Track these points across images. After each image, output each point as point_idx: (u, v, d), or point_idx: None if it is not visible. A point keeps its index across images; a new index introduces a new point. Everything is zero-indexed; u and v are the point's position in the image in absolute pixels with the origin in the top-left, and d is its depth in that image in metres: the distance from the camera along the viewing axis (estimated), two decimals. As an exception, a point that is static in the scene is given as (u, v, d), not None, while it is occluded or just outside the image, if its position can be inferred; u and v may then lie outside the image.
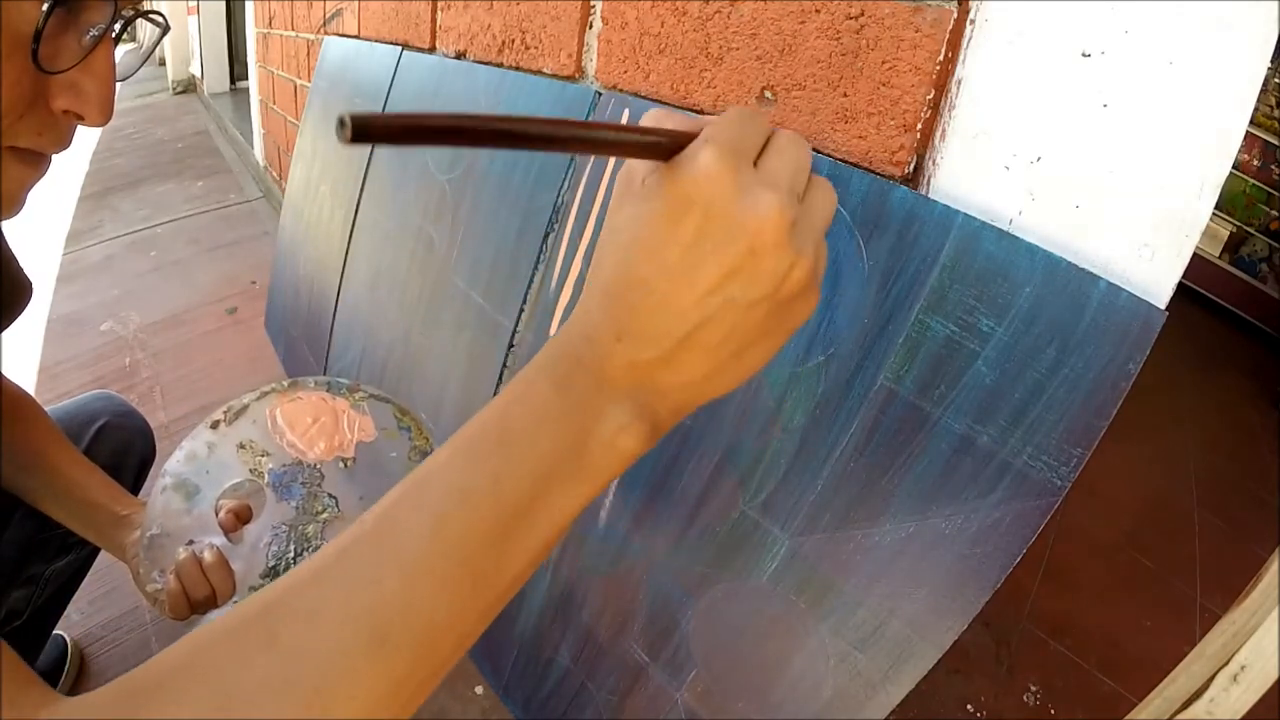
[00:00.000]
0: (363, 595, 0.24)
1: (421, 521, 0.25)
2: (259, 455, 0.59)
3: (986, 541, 0.45)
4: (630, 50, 0.72)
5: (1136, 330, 0.41)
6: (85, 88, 0.32)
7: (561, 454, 0.26)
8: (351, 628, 0.24)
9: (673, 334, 0.26)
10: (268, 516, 0.56)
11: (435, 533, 0.25)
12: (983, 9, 0.46)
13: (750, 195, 0.25)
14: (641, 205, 0.26)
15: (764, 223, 0.25)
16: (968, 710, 0.96)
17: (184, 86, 5.11)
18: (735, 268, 0.25)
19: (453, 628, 0.25)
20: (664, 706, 0.65)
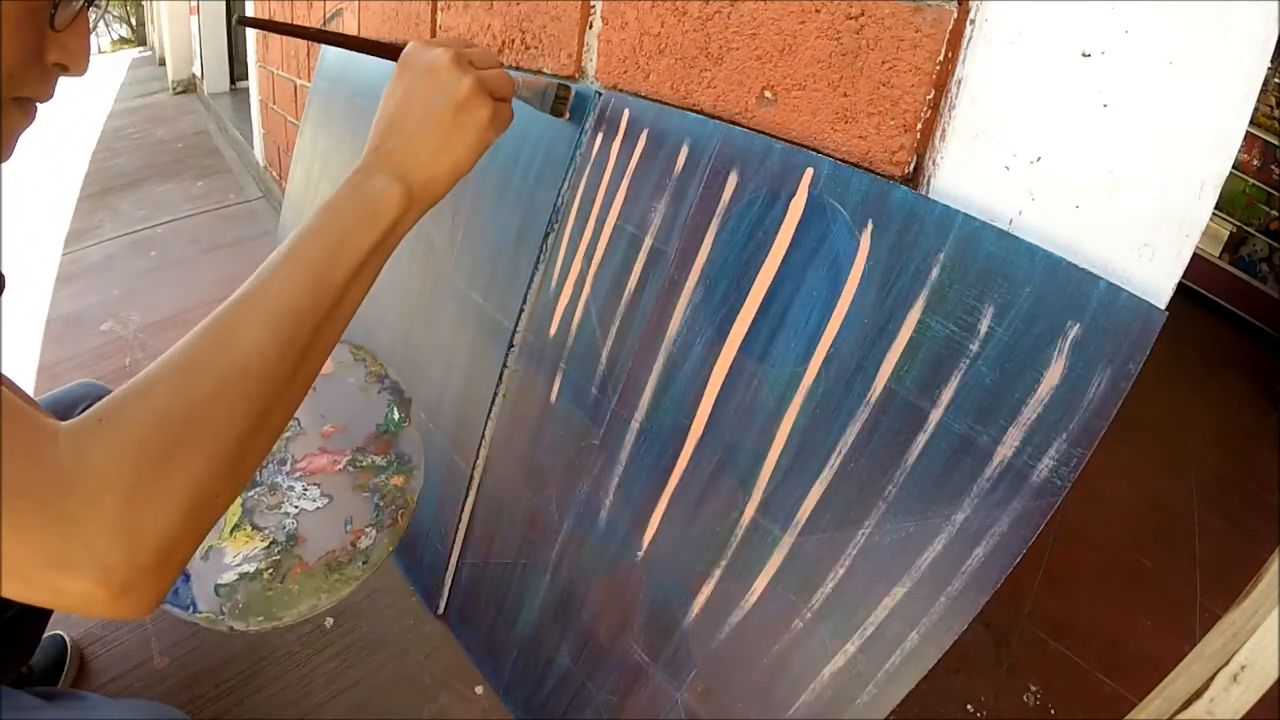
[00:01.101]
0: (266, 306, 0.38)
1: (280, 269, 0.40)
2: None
3: (986, 541, 0.45)
4: (630, 50, 0.72)
5: (1136, 330, 0.41)
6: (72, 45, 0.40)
7: (356, 209, 0.43)
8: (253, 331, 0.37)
9: (405, 131, 0.47)
10: None
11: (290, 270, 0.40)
12: (983, 9, 0.46)
13: (431, 50, 0.49)
14: (395, 81, 0.50)
15: (437, 58, 0.48)
16: (968, 710, 0.96)
17: (184, 86, 5.11)
18: (427, 87, 0.47)
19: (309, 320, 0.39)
20: (664, 706, 0.65)
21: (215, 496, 0.35)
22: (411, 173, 0.45)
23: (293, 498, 0.58)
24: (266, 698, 0.86)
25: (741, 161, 0.60)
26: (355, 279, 0.42)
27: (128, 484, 0.31)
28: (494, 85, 0.49)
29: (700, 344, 0.61)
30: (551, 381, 0.76)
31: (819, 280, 0.54)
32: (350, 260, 0.42)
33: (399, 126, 0.47)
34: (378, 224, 0.43)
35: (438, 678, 0.89)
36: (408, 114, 0.47)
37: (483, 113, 0.48)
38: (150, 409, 0.33)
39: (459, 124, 0.47)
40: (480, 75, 0.48)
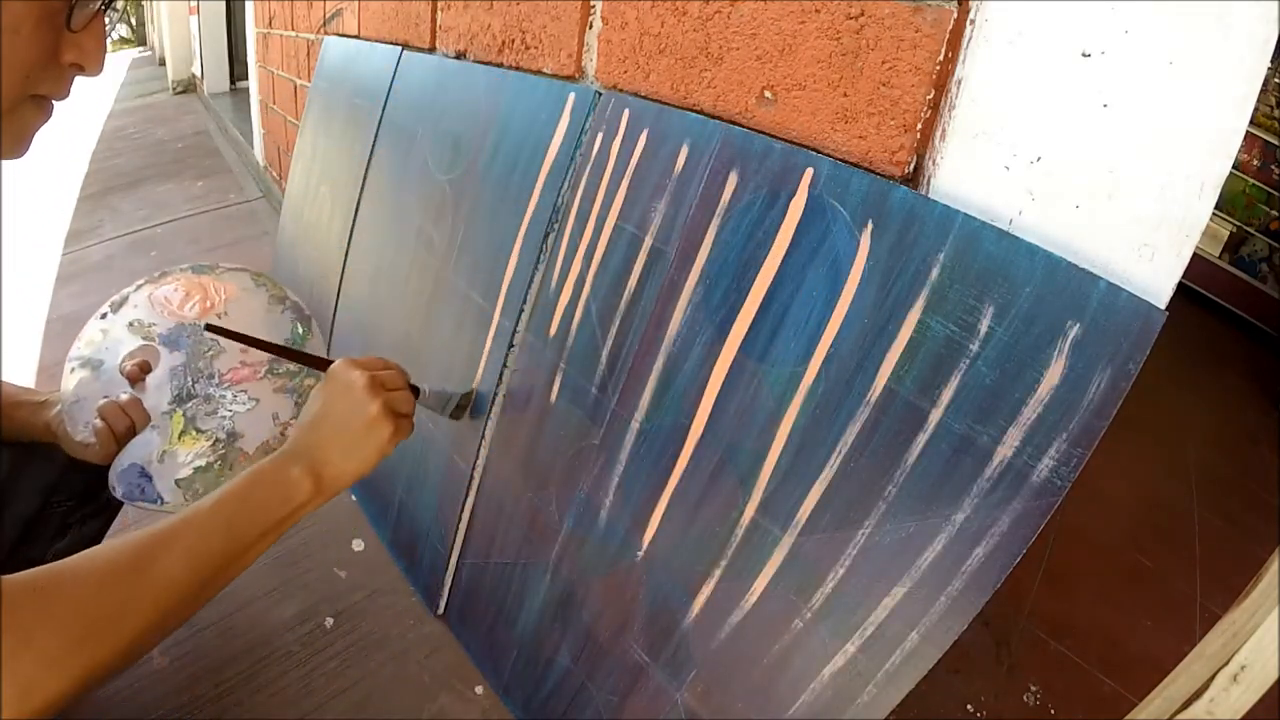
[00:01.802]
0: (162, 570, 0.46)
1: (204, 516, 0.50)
2: (147, 326, 0.70)
3: (986, 541, 0.45)
4: (630, 50, 0.72)
5: (1136, 330, 0.41)
6: (88, 45, 0.43)
7: (275, 488, 0.53)
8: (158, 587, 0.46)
9: (322, 435, 0.58)
10: (165, 363, 0.68)
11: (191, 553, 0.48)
12: (983, 9, 0.46)
13: (352, 372, 0.60)
14: (319, 388, 0.62)
15: (355, 381, 0.60)
16: (968, 710, 0.95)
17: (184, 86, 5.11)
18: (345, 403, 0.59)
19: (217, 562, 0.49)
20: (664, 706, 0.65)
21: (106, 674, 0.43)
22: (323, 468, 0.56)
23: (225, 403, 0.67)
24: (266, 698, 0.86)
25: (741, 161, 0.60)
26: (260, 539, 0.52)
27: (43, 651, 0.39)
28: (398, 406, 0.61)
29: (700, 344, 0.61)
30: (551, 381, 0.76)
31: (819, 280, 0.54)
32: (260, 525, 0.52)
33: (318, 428, 0.58)
34: (288, 504, 0.53)
35: (438, 678, 0.89)
36: (326, 420, 0.58)
37: (386, 430, 0.59)
38: (76, 601, 0.42)
39: (365, 437, 0.58)
40: (388, 398, 0.60)
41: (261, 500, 0.52)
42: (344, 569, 1.05)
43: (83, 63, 0.43)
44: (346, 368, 0.61)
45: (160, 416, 0.66)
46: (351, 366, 0.61)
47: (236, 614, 0.97)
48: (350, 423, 0.58)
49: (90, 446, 0.65)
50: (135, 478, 0.63)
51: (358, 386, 0.59)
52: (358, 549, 1.08)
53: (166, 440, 0.65)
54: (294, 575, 1.03)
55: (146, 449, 0.65)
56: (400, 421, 0.61)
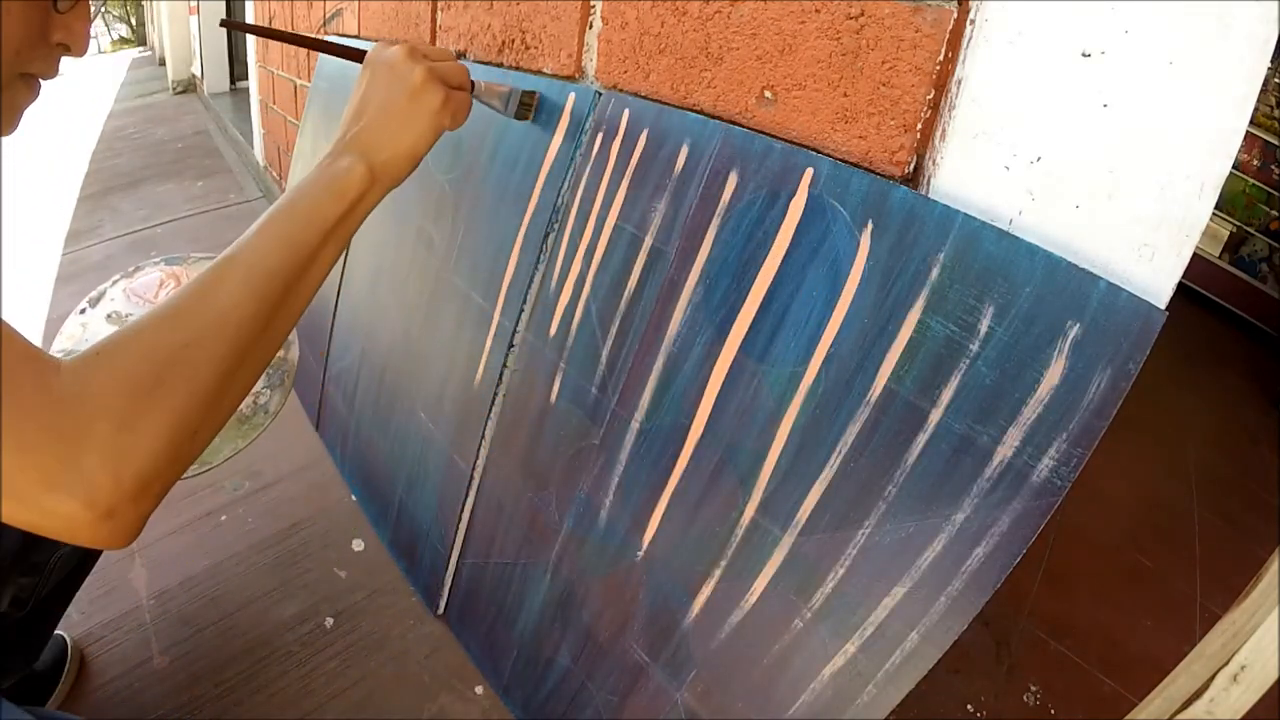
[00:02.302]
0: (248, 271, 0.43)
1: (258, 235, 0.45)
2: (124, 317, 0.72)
3: (986, 541, 0.45)
4: (630, 50, 0.72)
5: (1136, 330, 0.41)
6: (74, 26, 0.44)
7: (326, 184, 0.48)
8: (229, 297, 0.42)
9: (367, 118, 0.53)
10: None
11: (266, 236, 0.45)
12: (983, 9, 0.46)
13: (390, 48, 0.55)
14: (358, 79, 0.57)
15: (394, 54, 0.55)
16: (968, 710, 0.96)
17: (184, 86, 5.11)
18: (386, 79, 0.54)
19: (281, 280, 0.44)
20: (664, 706, 0.65)
21: (195, 431, 0.38)
22: (374, 153, 0.51)
23: None
24: (266, 698, 0.86)
25: (741, 161, 0.60)
26: (323, 246, 0.47)
27: (119, 412, 0.35)
28: (447, 74, 0.55)
29: (700, 344, 0.61)
30: (551, 381, 0.76)
31: (819, 280, 0.54)
32: (319, 229, 0.47)
33: (362, 114, 0.53)
34: (344, 198, 0.48)
35: (438, 678, 0.89)
36: (369, 103, 0.54)
37: (435, 98, 0.54)
38: (141, 348, 0.37)
39: (414, 109, 0.53)
40: (433, 66, 0.54)
41: (313, 202, 0.47)
42: (344, 569, 1.05)
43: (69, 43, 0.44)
44: (382, 46, 0.56)
45: None
46: (386, 44, 0.56)
47: (236, 614, 0.97)
48: (394, 96, 0.53)
49: None
50: None
51: (397, 58, 0.54)
52: (358, 549, 1.08)
53: None
54: (294, 575, 1.03)
55: None
56: (452, 94, 0.55)
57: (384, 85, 0.54)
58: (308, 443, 1.30)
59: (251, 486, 1.20)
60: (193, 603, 0.98)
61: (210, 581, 1.02)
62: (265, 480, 1.22)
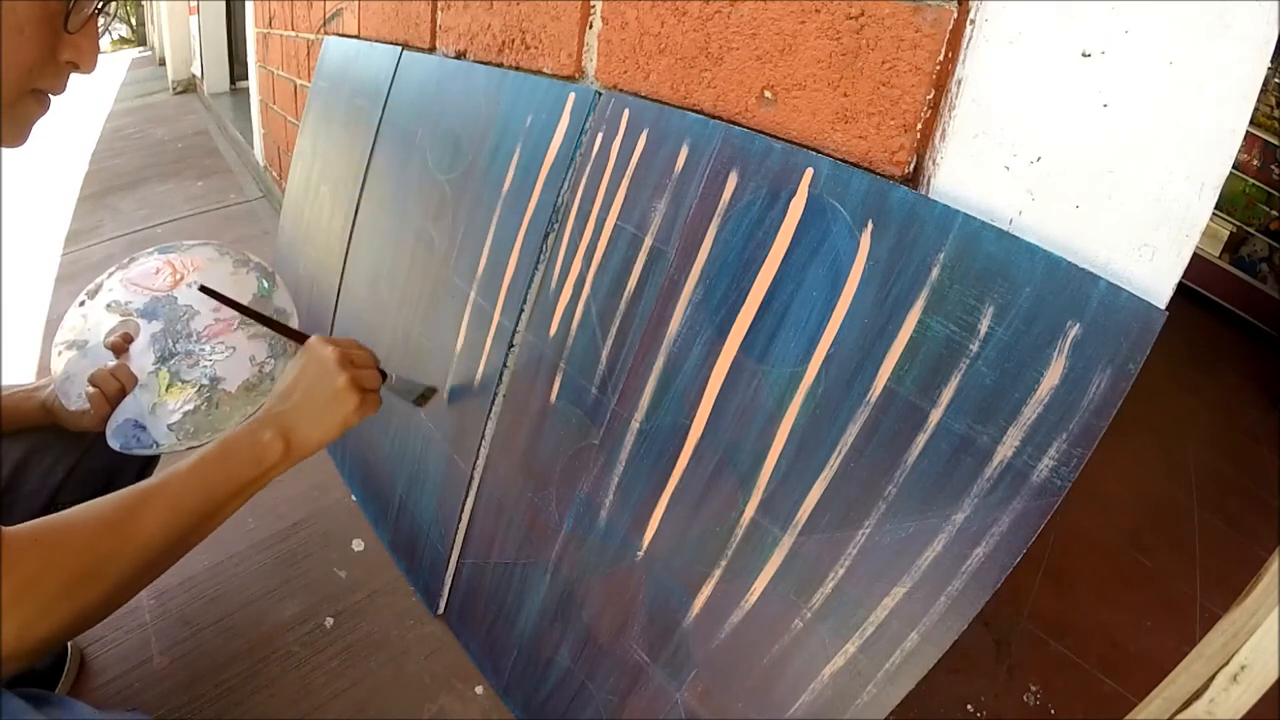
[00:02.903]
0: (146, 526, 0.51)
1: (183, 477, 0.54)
2: (124, 305, 0.75)
3: (986, 541, 0.45)
4: (630, 50, 0.72)
5: (1136, 330, 0.41)
6: (83, 45, 0.46)
7: (248, 450, 0.58)
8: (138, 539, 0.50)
9: (293, 403, 0.62)
10: (145, 332, 0.73)
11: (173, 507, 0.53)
12: (983, 9, 0.46)
13: (326, 348, 0.65)
14: (293, 362, 0.67)
15: (327, 356, 0.65)
16: (968, 710, 0.95)
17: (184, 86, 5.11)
18: (315, 375, 0.64)
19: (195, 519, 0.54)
20: (664, 706, 0.65)
21: (92, 618, 0.47)
22: (292, 433, 0.61)
23: (205, 355, 0.73)
24: (266, 698, 0.86)
25: (741, 161, 0.60)
26: (233, 498, 0.56)
27: (39, 597, 0.44)
28: (365, 381, 0.66)
29: (700, 344, 0.61)
30: (551, 381, 0.76)
31: (819, 280, 0.54)
32: (234, 484, 0.56)
33: (289, 398, 0.63)
34: (260, 465, 0.58)
35: (438, 678, 0.89)
36: (296, 390, 0.64)
37: (351, 402, 0.64)
38: (71, 549, 0.46)
39: (332, 406, 0.63)
40: (355, 374, 0.65)
41: (235, 461, 0.57)
42: (344, 569, 1.05)
43: (78, 61, 0.47)
44: (320, 344, 0.66)
45: (147, 376, 0.71)
46: (325, 343, 0.66)
47: (236, 614, 0.97)
48: (319, 393, 0.63)
49: (85, 413, 0.70)
50: (131, 430, 0.69)
51: (328, 360, 0.64)
52: (358, 549, 1.08)
53: (155, 395, 0.71)
54: (294, 575, 1.03)
55: (138, 405, 0.70)
56: (366, 395, 0.66)
57: (312, 380, 0.64)
58: (308, 443, 1.30)
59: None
60: (193, 603, 0.98)
61: (210, 581, 1.02)
62: (265, 480, 1.22)
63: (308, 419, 0.62)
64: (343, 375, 0.64)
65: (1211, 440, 1.86)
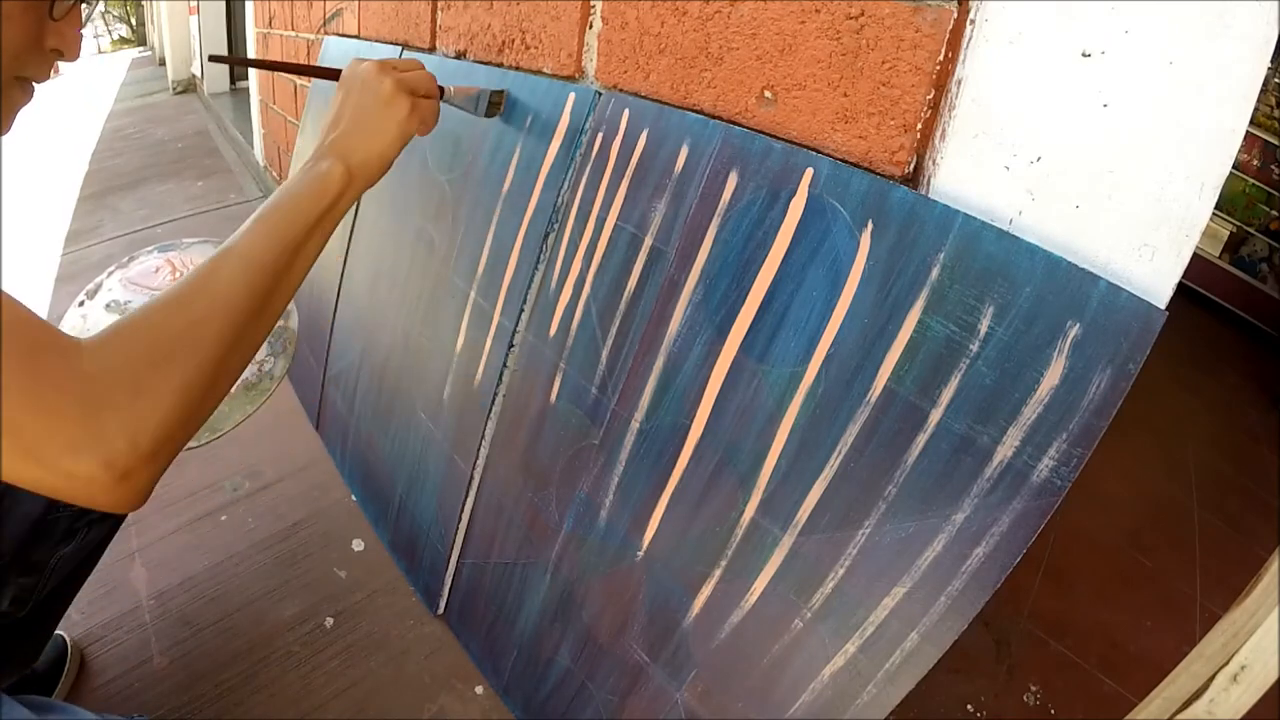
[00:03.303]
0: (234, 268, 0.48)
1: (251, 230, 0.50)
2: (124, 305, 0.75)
3: (986, 541, 0.45)
4: (630, 50, 0.72)
5: (1136, 330, 0.41)
6: (68, 33, 0.47)
7: (308, 184, 0.54)
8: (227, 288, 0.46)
9: (343, 126, 0.59)
10: None
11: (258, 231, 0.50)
12: (983, 9, 0.46)
13: (363, 64, 0.62)
14: (335, 94, 0.63)
15: (366, 69, 0.61)
16: (968, 710, 0.96)
17: (184, 86, 5.11)
18: (358, 91, 0.60)
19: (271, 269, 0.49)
20: (664, 706, 0.65)
21: (201, 400, 0.43)
22: (350, 155, 0.57)
23: None
24: (266, 698, 0.86)
25: (741, 161, 0.60)
26: (308, 239, 0.52)
27: (135, 382, 0.39)
28: (415, 85, 0.62)
29: (700, 344, 0.61)
30: (551, 381, 0.76)
31: (819, 280, 0.54)
32: (304, 224, 0.52)
33: (339, 123, 0.59)
34: (326, 196, 0.54)
35: (438, 678, 0.89)
36: (345, 113, 0.60)
37: (403, 107, 0.60)
38: (151, 328, 0.42)
39: (385, 117, 0.59)
40: (401, 77, 0.61)
41: (299, 200, 0.53)
42: (344, 569, 1.05)
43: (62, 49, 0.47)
44: (356, 62, 0.63)
45: None
46: (359, 60, 0.63)
47: (236, 614, 0.97)
48: (366, 106, 0.60)
49: None
50: None
51: (369, 73, 0.61)
52: (358, 549, 1.08)
53: None
54: (294, 575, 1.03)
55: None
56: (418, 100, 0.62)
57: (357, 96, 0.60)
58: (308, 443, 1.30)
59: (251, 486, 1.20)
60: (193, 603, 0.98)
61: (210, 581, 1.02)
62: (265, 480, 1.22)
63: (363, 136, 0.58)
64: (386, 79, 0.60)
65: (1211, 440, 1.86)
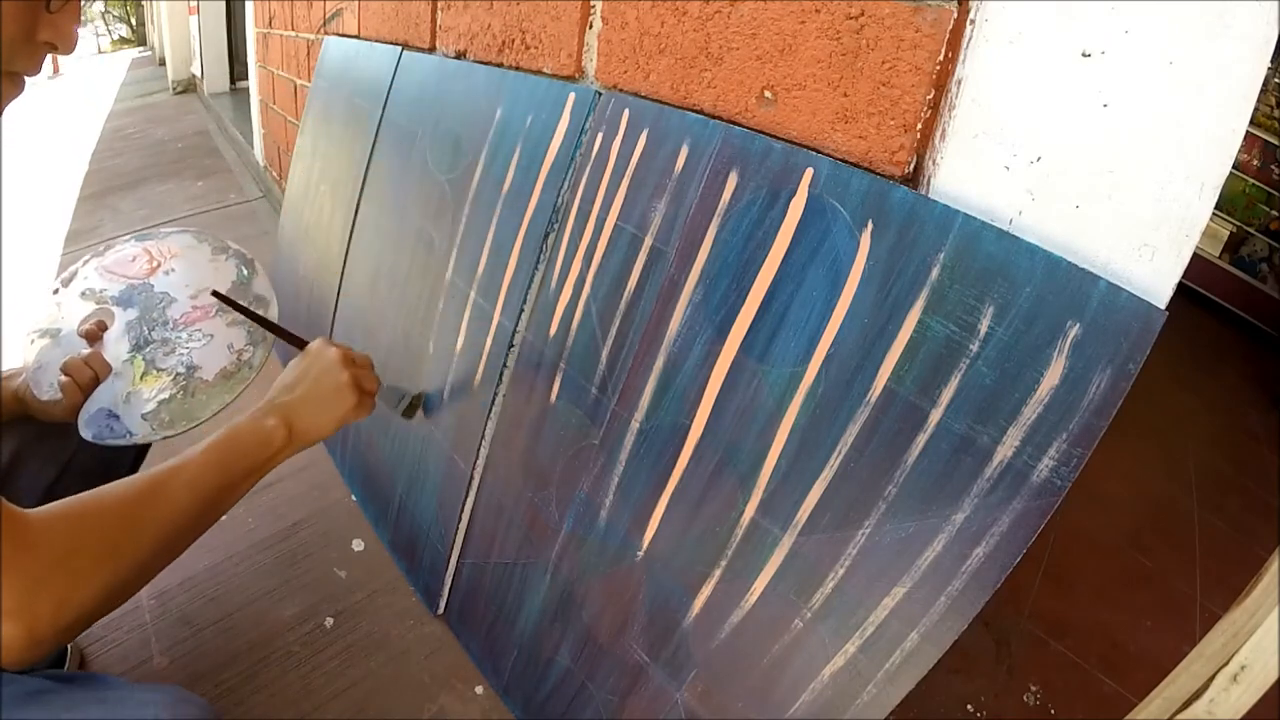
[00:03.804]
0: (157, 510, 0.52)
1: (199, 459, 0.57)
2: (99, 292, 0.74)
3: (986, 541, 0.45)
4: (630, 50, 0.72)
5: (1136, 330, 0.41)
6: (63, 26, 0.47)
7: (256, 435, 0.61)
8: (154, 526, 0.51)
9: (296, 394, 0.66)
10: (120, 320, 0.73)
11: (191, 485, 0.55)
12: (983, 9, 0.46)
13: (329, 349, 0.70)
14: (297, 359, 0.70)
15: (332, 356, 0.69)
16: (968, 710, 0.95)
17: (184, 86, 5.11)
18: (319, 371, 0.68)
19: (213, 496, 0.56)
20: (664, 706, 0.65)
21: (122, 591, 0.48)
22: (295, 421, 0.64)
23: (182, 343, 0.72)
24: (266, 698, 0.86)
25: (741, 161, 0.60)
26: (244, 479, 0.60)
27: (73, 569, 0.44)
28: (364, 382, 0.69)
29: (700, 344, 0.61)
30: (551, 381, 0.76)
31: (819, 280, 0.54)
32: (244, 466, 0.60)
33: (294, 389, 0.66)
34: (268, 448, 0.61)
35: (438, 678, 0.89)
36: (301, 384, 0.67)
37: (351, 399, 0.67)
38: (99, 519, 0.48)
39: (333, 400, 0.67)
40: (356, 374, 0.68)
41: (245, 444, 0.60)
42: (344, 569, 1.05)
43: (57, 42, 0.47)
44: (324, 344, 0.71)
45: (121, 365, 0.70)
46: (327, 344, 0.71)
47: (236, 614, 0.97)
48: (322, 387, 0.67)
49: (57, 403, 0.68)
50: (103, 419, 0.67)
51: (332, 358, 0.68)
52: (358, 549, 1.08)
53: (129, 383, 0.69)
54: (294, 575, 1.03)
55: (111, 394, 0.68)
56: (363, 397, 0.69)
57: (317, 376, 0.67)
58: (308, 443, 1.30)
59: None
60: (193, 602, 0.98)
61: (210, 581, 1.01)
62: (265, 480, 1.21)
63: (310, 410, 0.65)
64: (345, 373, 0.68)
65: (1211, 440, 1.86)
